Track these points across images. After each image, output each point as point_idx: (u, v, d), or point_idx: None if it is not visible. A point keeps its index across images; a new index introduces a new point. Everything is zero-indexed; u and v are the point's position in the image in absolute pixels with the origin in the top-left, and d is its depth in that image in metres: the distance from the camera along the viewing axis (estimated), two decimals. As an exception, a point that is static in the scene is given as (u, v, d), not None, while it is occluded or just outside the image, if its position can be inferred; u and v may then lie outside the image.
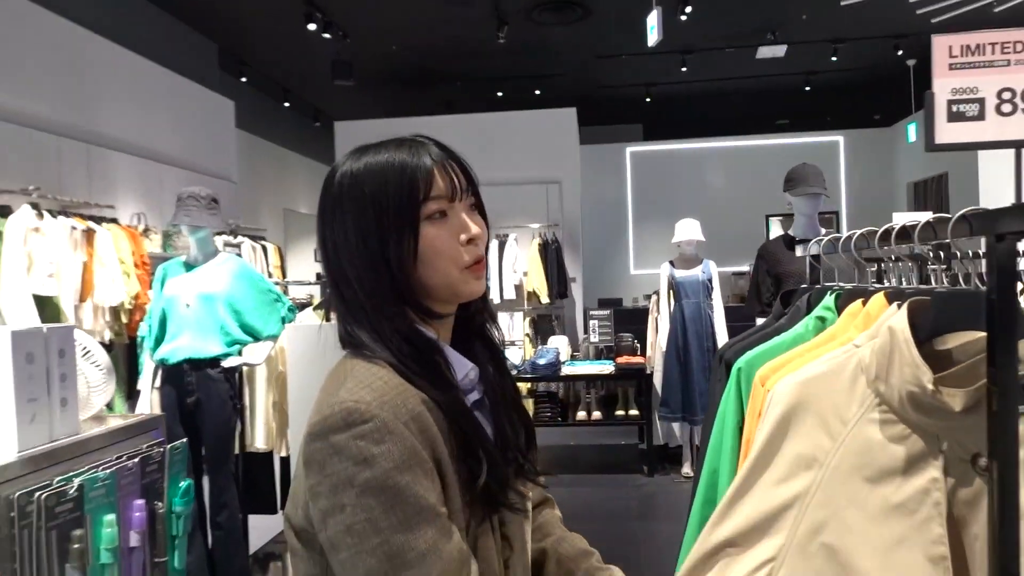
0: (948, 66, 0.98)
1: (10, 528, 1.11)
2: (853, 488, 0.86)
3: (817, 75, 9.69)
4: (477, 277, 0.89)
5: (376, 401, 0.80)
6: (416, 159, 0.86)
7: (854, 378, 0.87)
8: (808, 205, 3.18)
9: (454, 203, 0.87)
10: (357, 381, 0.82)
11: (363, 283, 0.87)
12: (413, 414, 0.81)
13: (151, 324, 3.25)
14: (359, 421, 0.78)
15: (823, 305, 1.18)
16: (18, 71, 4.45)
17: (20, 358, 1.19)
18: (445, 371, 0.88)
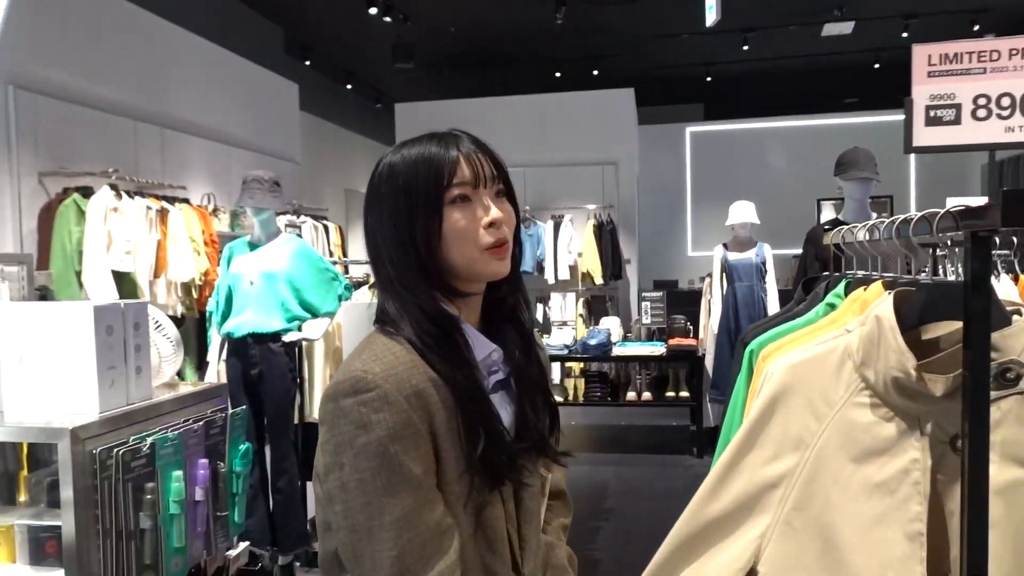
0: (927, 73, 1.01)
1: (93, 479, 1.27)
2: (838, 467, 0.93)
3: (887, 52, 9.35)
4: (499, 258, 0.95)
5: (383, 373, 0.88)
6: (444, 151, 0.94)
7: (841, 363, 0.94)
8: (858, 190, 3.16)
9: (478, 189, 0.94)
10: (373, 353, 0.92)
11: (393, 262, 0.96)
12: (416, 389, 0.89)
13: (218, 300, 3.46)
14: (364, 389, 0.87)
15: (834, 292, 1.24)
16: (98, 59, 4.72)
17: (101, 330, 1.35)
18: (462, 349, 0.94)
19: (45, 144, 4.21)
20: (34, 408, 1.36)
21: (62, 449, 1.25)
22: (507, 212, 0.97)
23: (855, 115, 10.16)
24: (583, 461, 5.52)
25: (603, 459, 5.55)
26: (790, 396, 0.94)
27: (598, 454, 5.77)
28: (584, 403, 5.94)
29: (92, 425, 1.30)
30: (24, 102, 4.07)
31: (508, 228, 0.96)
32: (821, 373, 0.94)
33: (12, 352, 1.38)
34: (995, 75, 1.01)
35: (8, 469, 1.56)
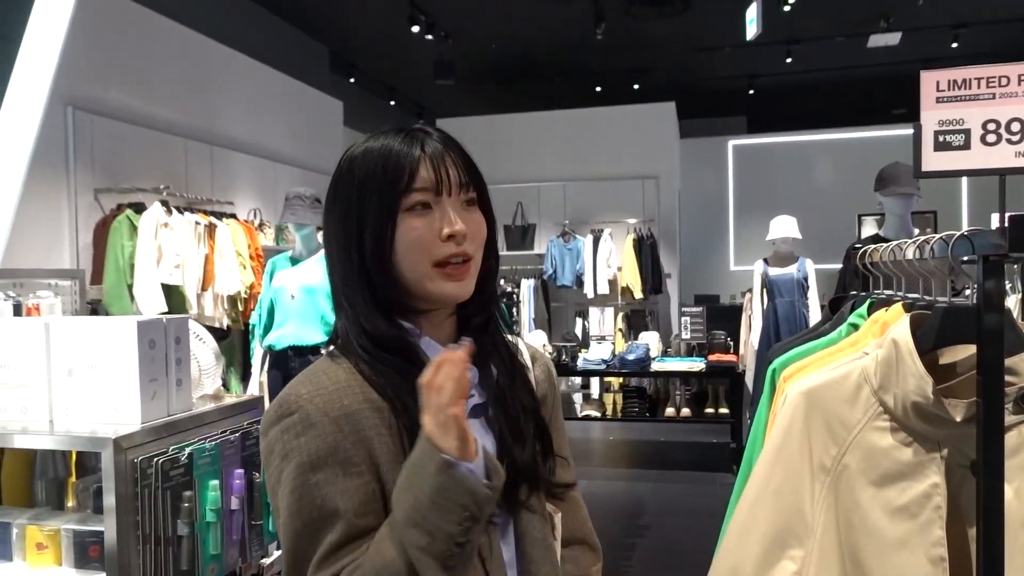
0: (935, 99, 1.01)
1: (134, 487, 1.33)
2: (859, 491, 0.93)
3: (936, 62, 9.15)
4: (453, 278, 0.83)
5: (309, 394, 0.79)
6: (406, 148, 0.84)
7: (858, 387, 0.93)
8: (899, 205, 3.11)
9: (441, 197, 0.83)
10: (306, 375, 0.83)
11: (339, 268, 0.86)
12: (348, 411, 0.79)
13: (260, 313, 3.57)
14: (287, 413, 0.79)
15: (858, 312, 1.23)
16: (151, 80, 4.91)
17: (144, 344, 1.41)
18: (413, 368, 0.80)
19: (100, 162, 4.39)
20: (81, 418, 1.43)
21: (105, 458, 1.31)
22: (475, 224, 0.85)
23: (903, 127, 9.93)
24: (621, 477, 5.49)
25: (641, 475, 5.51)
26: (807, 421, 0.94)
27: (636, 470, 5.74)
28: (622, 418, 5.91)
29: (134, 435, 1.36)
30: (81, 122, 4.26)
31: (474, 243, 0.85)
32: (838, 397, 0.94)
33: (62, 364, 1.45)
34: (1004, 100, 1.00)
35: (58, 475, 1.63)
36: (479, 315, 0.91)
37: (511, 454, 0.86)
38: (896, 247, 1.15)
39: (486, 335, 0.90)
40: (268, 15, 7.24)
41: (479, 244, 0.86)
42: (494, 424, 0.88)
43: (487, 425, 0.88)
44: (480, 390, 0.88)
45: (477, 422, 0.87)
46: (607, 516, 4.52)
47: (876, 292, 1.36)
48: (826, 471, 0.94)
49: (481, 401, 0.88)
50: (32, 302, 1.87)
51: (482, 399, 0.88)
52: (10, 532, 1.44)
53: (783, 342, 1.50)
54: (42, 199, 4.07)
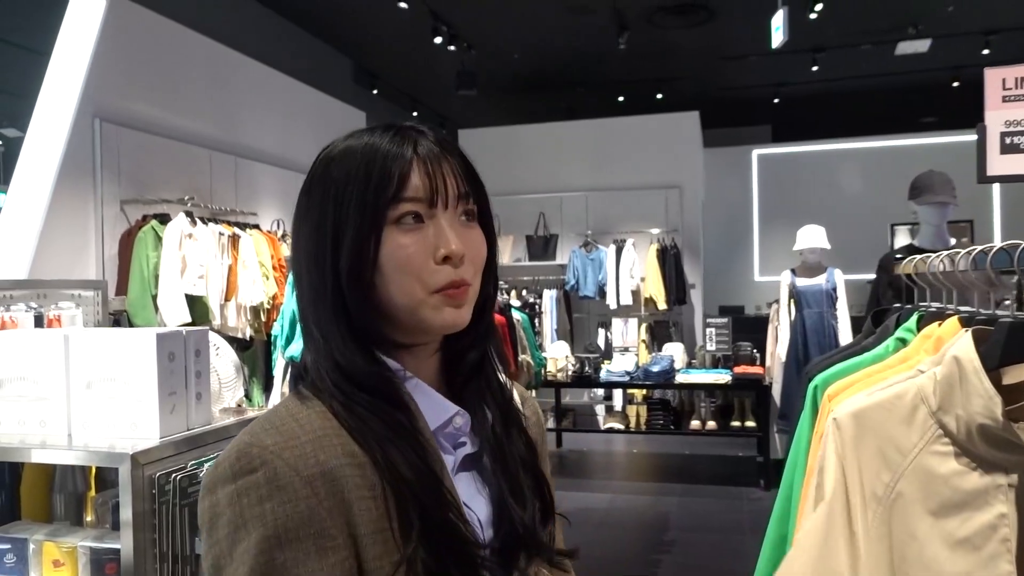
0: (1001, 99, 0.95)
1: (151, 503, 1.30)
2: (915, 522, 0.86)
3: (967, 69, 8.99)
4: (454, 304, 0.69)
5: (277, 446, 0.63)
6: (396, 148, 0.70)
7: (913, 407, 0.87)
8: (935, 214, 3.02)
9: (435, 209, 0.69)
10: (268, 420, 0.67)
11: (308, 290, 0.71)
12: (324, 468, 0.63)
13: (282, 324, 3.54)
14: (247, 470, 0.62)
15: (905, 326, 1.17)
16: (177, 92, 4.95)
17: (164, 357, 1.38)
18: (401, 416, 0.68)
19: (126, 173, 4.42)
20: (99, 432, 1.40)
21: (122, 473, 1.28)
22: (474, 244, 0.72)
23: (933, 135, 9.78)
24: (646, 491, 5.40)
25: (666, 489, 5.42)
26: (858, 446, 0.88)
27: (661, 484, 5.65)
28: (647, 431, 5.83)
29: (152, 450, 1.33)
30: (108, 134, 4.29)
31: (473, 266, 0.71)
32: (891, 419, 0.88)
33: (81, 377, 1.43)
34: (1081, 99, 0.94)
35: (77, 489, 1.61)
36: (473, 351, 0.76)
37: (509, 514, 0.73)
38: (947, 257, 1.09)
39: (480, 375, 0.77)
40: (292, 27, 7.29)
41: (478, 268, 0.72)
42: (489, 478, 0.75)
43: (479, 479, 0.75)
44: (472, 438, 0.75)
45: (468, 475, 0.74)
46: (632, 531, 4.44)
47: (922, 305, 1.30)
48: (878, 500, 0.87)
49: (473, 451, 0.75)
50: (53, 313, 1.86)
51: (474, 448, 0.75)
52: (27, 548, 1.41)
53: (822, 357, 1.43)
54: (69, 210, 4.10)
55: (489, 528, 0.72)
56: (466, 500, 0.71)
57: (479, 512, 0.72)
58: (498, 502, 0.73)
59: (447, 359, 0.77)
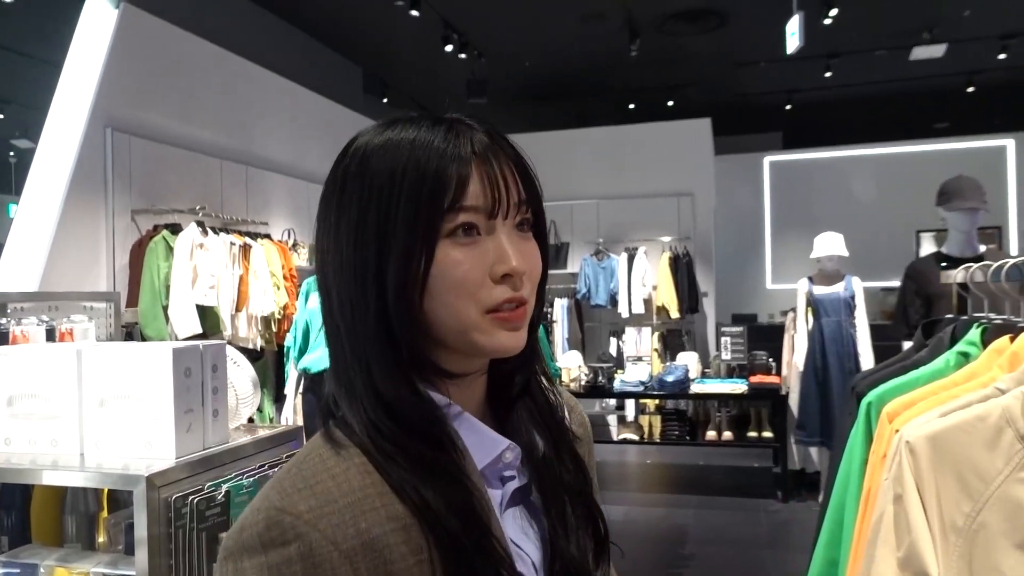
0: None
1: (167, 527, 1.24)
2: (999, 555, 0.79)
3: (982, 74, 8.91)
4: (511, 327, 0.61)
5: (311, 513, 0.55)
6: (452, 147, 0.60)
7: (998, 430, 0.80)
8: (964, 221, 2.94)
9: (494, 220, 0.61)
10: (301, 476, 0.58)
11: (346, 308, 0.61)
12: (366, 539, 0.56)
13: (295, 335, 3.49)
14: (279, 542, 0.54)
15: (967, 339, 1.10)
16: (188, 101, 4.93)
17: (180, 373, 1.33)
18: (449, 458, 0.60)
19: (138, 183, 4.38)
20: (113, 452, 1.35)
21: (137, 496, 1.22)
22: (532, 258, 0.63)
23: (946, 141, 9.69)
24: (661, 503, 5.31)
25: (682, 501, 5.33)
26: (936, 472, 0.81)
27: (676, 495, 5.55)
28: (661, 442, 5.74)
29: (168, 472, 1.27)
30: (120, 143, 4.26)
31: (531, 283, 0.63)
32: (972, 443, 0.81)
33: (94, 394, 1.37)
34: None
35: (89, 510, 1.55)
36: (520, 373, 0.68)
37: (562, 552, 0.65)
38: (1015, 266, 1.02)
39: (528, 397, 0.69)
40: (303, 36, 7.28)
41: (534, 285, 0.64)
42: (538, 514, 0.67)
43: (528, 515, 0.67)
44: (521, 470, 0.66)
45: (517, 511, 0.66)
46: (649, 544, 4.35)
47: (977, 316, 1.23)
48: (958, 531, 0.80)
49: (522, 484, 0.66)
50: (66, 327, 1.81)
51: (522, 481, 0.67)
52: (37, 574, 1.35)
53: (869, 371, 1.36)
54: (80, 221, 4.07)
55: (542, 571, 0.65)
56: (515, 539, 0.64)
57: (530, 552, 0.65)
58: (548, 540, 0.66)
59: (492, 382, 0.68)
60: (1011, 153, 9.43)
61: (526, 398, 0.69)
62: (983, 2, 6.83)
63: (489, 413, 0.68)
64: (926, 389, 1.00)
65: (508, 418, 0.68)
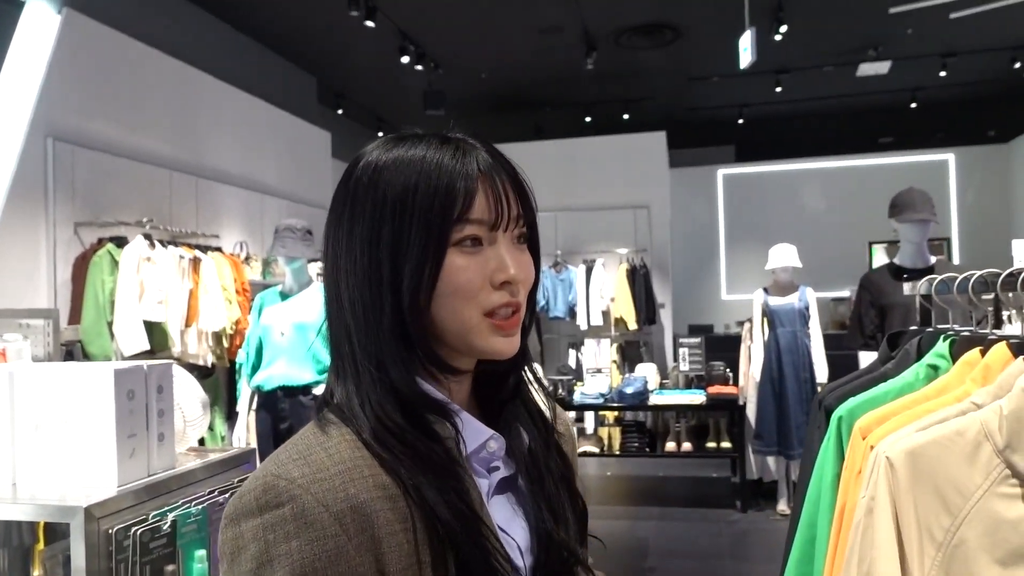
0: None
1: (108, 561, 1.16)
2: (979, 571, 0.77)
3: (924, 91, 9.22)
4: (505, 333, 0.67)
5: (305, 479, 0.60)
6: (460, 165, 0.66)
7: (976, 445, 0.79)
8: (915, 232, 3.00)
9: (496, 232, 0.67)
10: (295, 449, 0.63)
11: (359, 310, 0.67)
12: (354, 503, 0.60)
13: (248, 351, 3.38)
14: (273, 504, 0.59)
15: (936, 352, 1.09)
16: (135, 110, 4.77)
17: (122, 395, 1.25)
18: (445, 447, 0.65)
19: (81, 195, 4.22)
20: (49, 480, 1.26)
21: (75, 529, 1.13)
22: (526, 267, 0.69)
23: (891, 155, 9.99)
24: (622, 515, 5.29)
25: (643, 512, 5.32)
26: (914, 487, 0.79)
27: (637, 507, 5.55)
28: (622, 454, 5.73)
29: (108, 502, 1.18)
30: (62, 153, 4.10)
31: (525, 290, 0.69)
32: (951, 458, 0.79)
33: (28, 418, 1.28)
34: None
35: (23, 543, 1.45)
36: (512, 374, 0.74)
37: (551, 537, 0.70)
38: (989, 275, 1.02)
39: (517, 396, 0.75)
40: (255, 45, 7.15)
41: (527, 289, 0.70)
42: (526, 502, 0.72)
43: (514, 502, 0.72)
44: (507, 461, 0.72)
45: (503, 499, 0.71)
46: (611, 557, 4.32)
47: (941, 328, 1.23)
48: (937, 546, 0.79)
49: (508, 474, 0.72)
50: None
51: (510, 471, 0.72)
52: (-36, 614, 1.25)
53: (835, 384, 1.35)
54: (19, 234, 3.90)
55: (528, 554, 0.70)
56: (502, 525, 0.69)
57: (517, 537, 0.70)
58: (537, 526, 0.71)
59: (480, 380, 0.74)
60: (952, 167, 9.76)
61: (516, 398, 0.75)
62: (925, 22, 7.06)
63: (476, 408, 0.74)
64: (898, 403, 0.99)
65: (499, 414, 0.74)
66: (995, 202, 9.59)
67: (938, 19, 6.63)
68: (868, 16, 6.97)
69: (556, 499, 0.73)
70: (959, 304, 1.26)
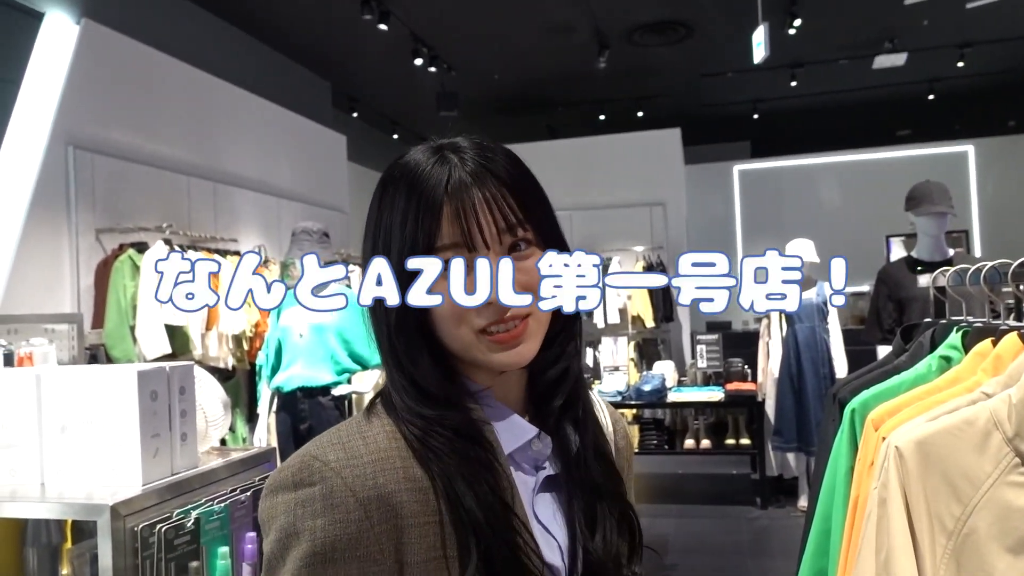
0: None
1: (134, 558, 1.19)
2: (990, 558, 0.78)
3: (942, 82, 9.11)
4: (504, 347, 0.66)
5: (339, 463, 0.63)
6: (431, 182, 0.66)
7: (986, 434, 0.79)
8: (933, 225, 2.98)
9: (474, 253, 0.66)
10: (337, 435, 0.67)
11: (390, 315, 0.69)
12: (381, 492, 0.62)
13: (267, 353, 3.43)
14: (306, 482, 0.63)
15: (948, 343, 1.09)
16: (153, 118, 4.84)
17: (145, 396, 1.28)
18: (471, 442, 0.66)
19: (102, 202, 4.29)
20: (75, 480, 1.29)
21: (101, 527, 1.17)
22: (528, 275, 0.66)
23: (909, 148, 9.89)
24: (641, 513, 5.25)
25: (662, 510, 5.31)
26: (925, 476, 0.80)
27: (657, 505, 5.53)
28: (639, 451, 5.73)
29: (134, 500, 1.21)
30: (82, 161, 4.17)
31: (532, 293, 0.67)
32: (961, 447, 0.79)
33: (55, 419, 1.31)
34: None
35: (51, 542, 1.48)
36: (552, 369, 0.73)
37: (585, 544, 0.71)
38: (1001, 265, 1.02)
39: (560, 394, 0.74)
40: (270, 51, 7.22)
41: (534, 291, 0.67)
42: (566, 504, 0.72)
43: (558, 502, 0.72)
44: (553, 461, 0.72)
45: (549, 497, 0.72)
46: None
47: (955, 320, 1.23)
48: (947, 535, 0.79)
49: (554, 473, 0.72)
50: (25, 351, 1.74)
51: (555, 471, 0.72)
52: (-4, 611, 1.29)
53: (850, 377, 1.36)
54: (42, 241, 3.97)
55: (567, 555, 0.71)
56: (545, 522, 0.70)
57: (558, 536, 0.71)
58: (571, 530, 0.71)
59: (532, 378, 0.74)
60: (971, 159, 9.64)
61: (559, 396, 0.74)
62: (941, 12, 6.99)
63: (531, 406, 0.74)
64: (910, 395, 0.99)
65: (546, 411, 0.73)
66: (1016, 193, 9.46)
67: (954, 9, 6.56)
68: (883, 7, 6.91)
69: (594, 507, 0.72)
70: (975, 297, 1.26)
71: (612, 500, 0.74)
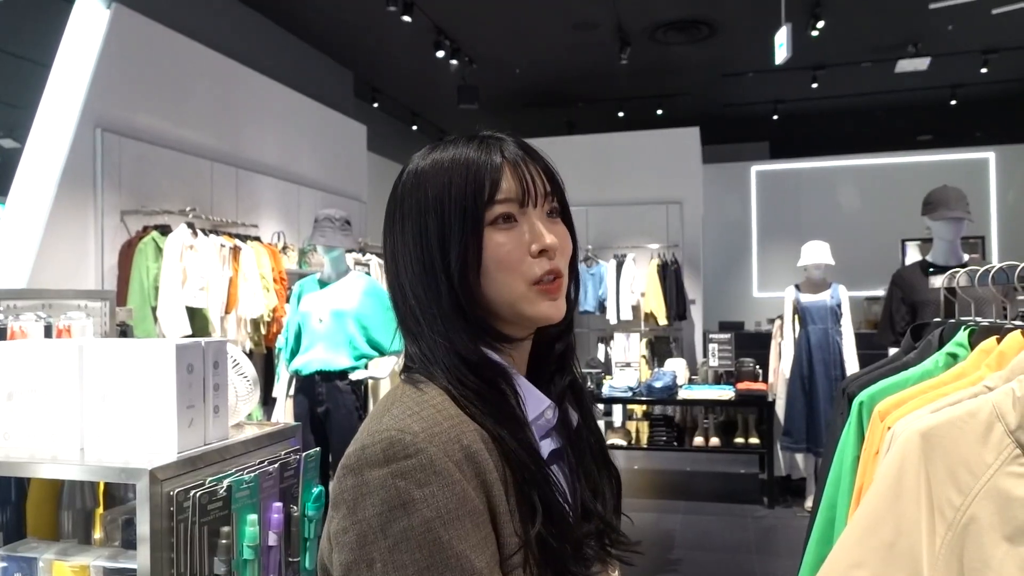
0: None
1: (169, 521, 1.25)
2: (989, 548, 0.81)
3: (964, 88, 9.06)
4: (551, 297, 0.75)
5: (425, 432, 0.67)
6: (485, 156, 0.75)
7: (988, 426, 0.83)
8: (949, 230, 3.00)
9: (526, 208, 0.75)
10: (405, 407, 0.70)
11: (419, 294, 0.76)
12: (468, 452, 0.67)
13: (287, 337, 3.49)
14: (401, 456, 0.66)
15: (955, 341, 1.13)
16: (179, 103, 4.92)
17: (183, 369, 1.34)
18: (513, 404, 0.73)
19: (127, 184, 4.37)
20: (114, 446, 1.35)
21: (140, 490, 1.23)
22: (562, 237, 0.77)
23: (929, 153, 9.84)
24: (649, 508, 5.33)
25: (669, 506, 5.35)
26: (926, 465, 0.84)
27: (664, 501, 5.58)
28: (648, 447, 5.77)
29: (170, 466, 1.28)
30: (110, 144, 4.25)
31: (563, 257, 0.77)
32: (963, 438, 0.83)
33: (96, 389, 1.38)
34: None
35: (86, 506, 1.55)
36: (560, 342, 0.82)
37: (590, 510, 0.78)
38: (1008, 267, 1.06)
39: (565, 369, 0.83)
40: (294, 40, 7.28)
41: (566, 260, 0.78)
42: (568, 474, 0.79)
43: (561, 473, 0.78)
44: (557, 433, 0.79)
45: (555, 468, 0.77)
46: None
47: (964, 319, 1.27)
48: (948, 524, 0.83)
49: (557, 446, 0.79)
50: (63, 323, 1.81)
51: (559, 444, 0.79)
52: (36, 568, 1.36)
53: (860, 373, 1.40)
54: (70, 220, 4.05)
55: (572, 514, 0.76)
56: None
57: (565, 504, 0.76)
58: (577, 498, 0.77)
59: (535, 354, 0.81)
60: (992, 166, 9.58)
61: (564, 371, 0.83)
62: (966, 18, 6.95)
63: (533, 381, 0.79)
64: (916, 388, 1.03)
65: (548, 386, 0.81)
66: (1037, 201, 9.39)
67: (980, 14, 6.52)
68: (907, 11, 6.88)
69: (594, 475, 0.81)
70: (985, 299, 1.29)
71: (604, 466, 0.83)
